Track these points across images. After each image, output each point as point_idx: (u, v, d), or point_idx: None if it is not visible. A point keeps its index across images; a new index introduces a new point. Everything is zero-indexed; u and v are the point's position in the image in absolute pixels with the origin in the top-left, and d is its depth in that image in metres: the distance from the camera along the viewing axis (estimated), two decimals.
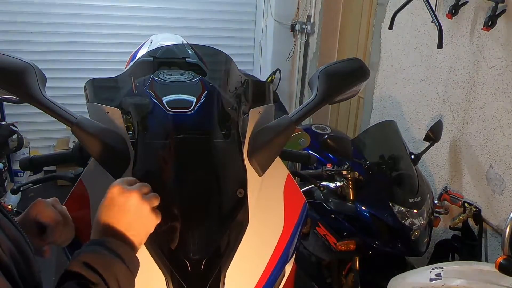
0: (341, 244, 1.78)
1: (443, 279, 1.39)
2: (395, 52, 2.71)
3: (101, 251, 0.67)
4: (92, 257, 0.65)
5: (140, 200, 0.73)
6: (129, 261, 0.69)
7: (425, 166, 2.47)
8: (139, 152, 0.90)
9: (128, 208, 0.73)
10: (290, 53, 4.05)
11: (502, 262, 1.18)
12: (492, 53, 2.00)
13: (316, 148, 2.26)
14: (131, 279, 0.69)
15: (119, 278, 0.66)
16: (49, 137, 3.83)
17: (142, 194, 0.74)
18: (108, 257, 0.66)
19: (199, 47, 1.43)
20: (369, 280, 1.86)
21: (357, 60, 1.09)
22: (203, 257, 0.81)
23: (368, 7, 3.25)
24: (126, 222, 0.72)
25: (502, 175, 1.99)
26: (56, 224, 0.81)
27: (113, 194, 0.73)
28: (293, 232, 0.95)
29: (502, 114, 1.98)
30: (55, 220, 0.80)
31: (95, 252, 0.67)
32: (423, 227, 1.76)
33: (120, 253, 0.68)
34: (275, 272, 0.89)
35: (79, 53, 3.71)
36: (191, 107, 0.98)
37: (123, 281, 0.66)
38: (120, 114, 0.98)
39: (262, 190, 0.94)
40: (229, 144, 0.95)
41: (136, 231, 0.73)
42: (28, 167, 1.17)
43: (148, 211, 0.74)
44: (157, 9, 3.79)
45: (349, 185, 1.79)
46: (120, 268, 0.67)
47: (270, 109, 1.10)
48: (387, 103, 2.83)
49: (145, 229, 0.75)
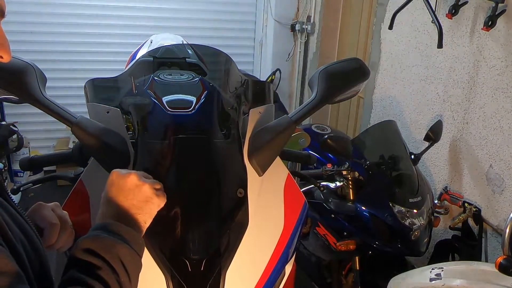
0: (341, 244, 1.78)
1: (443, 279, 1.39)
2: (395, 52, 2.71)
3: (102, 235, 0.67)
4: (93, 242, 0.66)
5: (139, 180, 0.75)
6: (133, 242, 0.69)
7: (425, 166, 2.47)
8: (139, 152, 0.90)
9: (128, 187, 0.74)
10: (290, 53, 4.05)
11: (502, 262, 1.18)
12: (492, 53, 2.00)
13: (316, 148, 2.26)
14: (136, 259, 0.69)
15: (123, 259, 0.66)
16: (49, 137, 3.83)
17: (140, 176, 0.76)
18: (109, 240, 0.66)
19: (199, 47, 1.43)
20: (369, 280, 1.86)
21: (357, 60, 1.09)
22: (203, 257, 0.81)
23: (368, 7, 3.25)
24: (128, 202, 0.73)
25: (502, 175, 1.99)
26: (52, 227, 0.79)
27: (112, 178, 0.75)
28: (293, 232, 0.95)
29: (502, 114, 1.98)
30: (51, 222, 0.80)
31: (96, 236, 0.67)
32: (423, 227, 1.76)
33: (123, 234, 0.68)
34: (275, 272, 0.89)
35: (79, 53, 3.70)
36: (191, 107, 0.98)
37: (128, 262, 0.66)
38: (120, 114, 0.98)
39: (262, 190, 0.94)
40: (229, 144, 0.95)
41: (139, 210, 0.74)
42: (28, 167, 1.17)
43: (150, 191, 0.75)
44: (157, 9, 3.79)
45: (349, 185, 1.79)
46: (123, 249, 0.67)
47: (270, 109, 1.10)
48: (387, 103, 2.83)
49: (148, 208, 0.75)
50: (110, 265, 0.63)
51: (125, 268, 0.65)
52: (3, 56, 0.63)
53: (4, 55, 0.64)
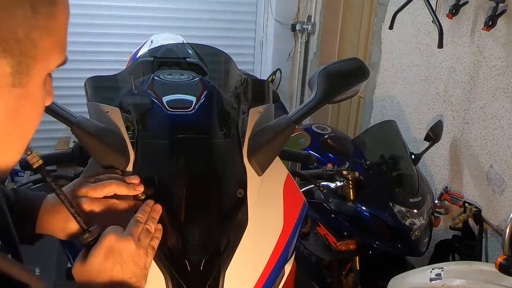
0: (341, 244, 1.78)
1: (443, 279, 1.39)
2: (395, 52, 2.70)
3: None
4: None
5: (136, 247, 0.68)
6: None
7: (426, 166, 2.46)
8: (139, 152, 0.90)
9: (126, 257, 0.67)
10: (290, 53, 4.05)
11: (502, 262, 1.18)
12: (492, 53, 2.00)
13: (316, 148, 2.26)
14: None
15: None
16: (50, 137, 3.82)
17: (136, 237, 0.69)
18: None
19: (199, 47, 1.43)
20: (369, 280, 1.86)
21: (356, 60, 1.09)
22: (202, 257, 0.81)
23: (368, 7, 3.25)
24: (126, 275, 0.67)
25: (503, 175, 1.99)
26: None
27: (110, 243, 0.67)
28: (292, 231, 0.95)
29: (502, 114, 1.97)
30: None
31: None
32: (423, 227, 1.76)
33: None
34: (274, 271, 0.88)
35: (80, 53, 3.70)
36: (191, 107, 0.98)
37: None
38: (120, 114, 0.98)
39: (262, 190, 0.94)
40: (229, 144, 0.95)
41: (139, 277, 0.69)
42: (28, 167, 1.17)
43: (145, 257, 0.70)
44: (157, 9, 3.79)
45: (349, 185, 1.79)
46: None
47: (270, 108, 1.10)
48: (387, 103, 2.83)
49: (146, 267, 0.71)
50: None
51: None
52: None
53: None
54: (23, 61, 0.40)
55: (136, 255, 0.68)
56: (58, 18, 0.43)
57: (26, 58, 0.40)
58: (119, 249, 0.67)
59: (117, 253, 0.67)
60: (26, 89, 0.42)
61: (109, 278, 0.66)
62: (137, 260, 0.68)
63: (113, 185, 0.78)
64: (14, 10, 0.37)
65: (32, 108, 0.45)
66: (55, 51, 0.44)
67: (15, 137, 0.44)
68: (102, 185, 0.78)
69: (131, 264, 0.68)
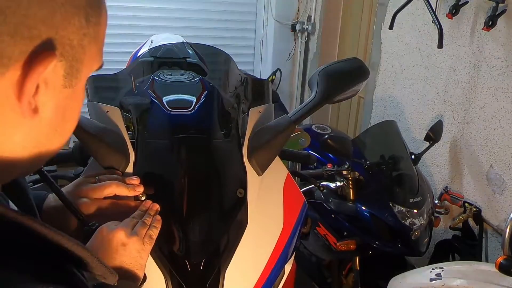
0: (341, 244, 1.78)
1: (443, 279, 1.39)
2: (395, 52, 2.70)
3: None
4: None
5: (126, 236, 0.70)
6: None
7: (426, 166, 2.46)
8: (139, 152, 0.90)
9: (114, 247, 0.69)
10: (290, 53, 4.05)
11: (502, 262, 1.18)
12: (492, 53, 2.00)
13: (316, 148, 2.26)
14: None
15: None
16: None
17: (128, 230, 0.71)
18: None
19: (199, 47, 1.43)
20: (369, 280, 1.86)
21: (356, 60, 1.09)
22: (202, 257, 0.81)
23: (368, 7, 3.25)
24: (117, 261, 0.69)
25: (503, 175, 1.99)
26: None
27: (102, 234, 0.70)
28: (292, 231, 0.95)
29: (502, 114, 1.97)
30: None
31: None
32: (423, 227, 1.76)
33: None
34: (274, 271, 0.89)
35: None
36: (191, 107, 0.98)
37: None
38: (120, 114, 0.98)
39: (262, 189, 0.94)
40: (229, 144, 0.95)
41: (131, 265, 0.70)
42: None
43: (138, 243, 0.71)
44: (157, 9, 3.78)
45: (349, 185, 1.79)
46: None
47: (269, 108, 1.10)
48: (387, 103, 2.83)
49: (140, 256, 0.72)
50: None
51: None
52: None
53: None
54: (74, 65, 0.44)
55: (128, 244, 0.69)
56: (102, 26, 0.49)
57: (77, 63, 0.44)
58: (108, 239, 0.69)
59: (107, 242, 0.69)
60: (74, 90, 0.46)
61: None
62: (129, 249, 0.69)
63: (113, 185, 0.79)
64: (72, 20, 0.42)
65: (76, 107, 0.49)
66: (97, 56, 0.48)
67: (59, 133, 0.48)
68: (103, 186, 0.78)
69: (122, 253, 0.69)
